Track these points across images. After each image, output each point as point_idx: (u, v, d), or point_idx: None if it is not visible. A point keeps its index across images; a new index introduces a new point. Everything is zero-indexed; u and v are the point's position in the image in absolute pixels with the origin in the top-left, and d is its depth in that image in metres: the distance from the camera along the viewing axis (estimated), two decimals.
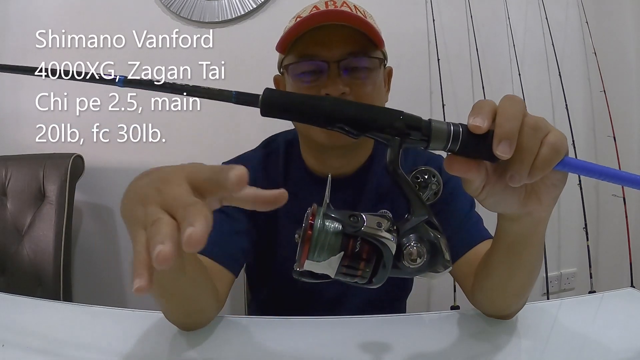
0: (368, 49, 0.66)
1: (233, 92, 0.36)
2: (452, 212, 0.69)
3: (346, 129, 0.35)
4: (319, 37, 0.64)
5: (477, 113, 0.36)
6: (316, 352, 0.54)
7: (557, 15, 1.70)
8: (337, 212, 0.34)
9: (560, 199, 0.43)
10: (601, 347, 0.54)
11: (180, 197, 0.31)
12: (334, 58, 0.64)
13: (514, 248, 0.50)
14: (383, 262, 0.34)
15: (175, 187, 0.32)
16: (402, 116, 0.36)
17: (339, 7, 0.67)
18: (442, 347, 0.55)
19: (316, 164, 0.73)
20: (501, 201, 0.41)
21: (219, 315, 0.60)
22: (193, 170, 0.33)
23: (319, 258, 0.33)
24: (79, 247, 1.60)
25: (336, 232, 0.33)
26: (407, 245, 0.35)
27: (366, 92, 0.66)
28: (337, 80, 0.64)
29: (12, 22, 1.56)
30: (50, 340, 0.56)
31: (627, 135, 1.70)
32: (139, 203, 0.33)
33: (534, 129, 0.36)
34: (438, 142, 0.36)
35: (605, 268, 1.75)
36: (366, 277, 0.35)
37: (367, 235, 0.34)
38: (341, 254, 0.33)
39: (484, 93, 1.60)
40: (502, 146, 0.35)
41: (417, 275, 0.37)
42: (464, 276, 0.65)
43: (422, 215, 0.36)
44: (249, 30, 1.56)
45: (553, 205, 0.43)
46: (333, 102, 0.35)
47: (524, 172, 0.36)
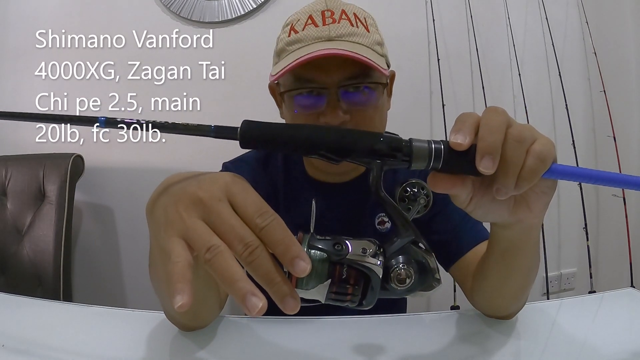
0: (369, 72, 0.62)
1: (212, 126, 0.36)
2: (450, 213, 0.69)
3: (327, 155, 0.35)
4: (317, 60, 0.60)
5: (458, 129, 0.35)
6: (316, 352, 0.54)
7: (557, 15, 1.69)
8: (322, 240, 0.35)
9: (560, 199, 0.43)
10: (601, 347, 0.54)
11: (230, 223, 0.31)
12: (332, 83, 0.61)
13: (507, 253, 0.50)
14: (371, 286, 0.35)
15: (223, 207, 0.32)
16: (382, 138, 0.35)
17: (337, 21, 0.63)
18: (442, 347, 0.55)
19: (316, 171, 0.73)
20: (490, 211, 0.41)
21: (219, 315, 0.60)
22: (237, 192, 0.33)
23: (307, 286, 0.34)
24: (79, 247, 1.60)
25: (322, 260, 0.34)
26: (395, 267, 0.35)
27: (367, 116, 0.63)
28: (336, 107, 0.61)
29: (12, 22, 1.56)
30: (50, 341, 0.56)
31: (627, 135, 1.70)
32: (176, 206, 0.33)
33: (518, 140, 0.35)
34: (419, 161, 0.35)
35: (605, 268, 1.75)
36: (356, 301, 0.36)
37: (352, 262, 0.34)
38: (329, 281, 0.34)
39: (484, 93, 1.60)
40: (485, 161, 0.34)
41: (407, 295, 0.37)
42: (463, 277, 0.65)
43: (408, 237, 0.37)
44: (249, 30, 1.56)
45: (544, 211, 0.43)
46: (311, 130, 0.35)
47: (509, 184, 0.35)
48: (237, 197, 0.32)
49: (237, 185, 0.33)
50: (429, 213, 0.70)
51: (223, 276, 0.29)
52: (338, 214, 0.73)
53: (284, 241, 0.30)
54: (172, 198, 0.34)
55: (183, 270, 0.29)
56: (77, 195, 1.38)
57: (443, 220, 0.70)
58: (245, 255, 0.30)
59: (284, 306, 0.30)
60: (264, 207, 0.32)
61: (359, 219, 0.73)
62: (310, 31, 0.63)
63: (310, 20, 0.64)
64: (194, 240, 0.31)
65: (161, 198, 0.36)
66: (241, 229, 0.31)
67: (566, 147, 1.62)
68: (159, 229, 0.35)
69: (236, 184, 0.33)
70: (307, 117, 0.63)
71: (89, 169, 1.44)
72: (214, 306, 0.57)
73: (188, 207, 0.32)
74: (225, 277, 0.29)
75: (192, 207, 0.32)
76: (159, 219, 0.35)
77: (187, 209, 0.32)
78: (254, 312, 0.29)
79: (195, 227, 0.31)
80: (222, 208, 0.32)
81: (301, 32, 0.63)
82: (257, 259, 0.30)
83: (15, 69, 1.52)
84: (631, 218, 1.57)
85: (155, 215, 0.36)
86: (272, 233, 0.31)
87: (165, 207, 0.34)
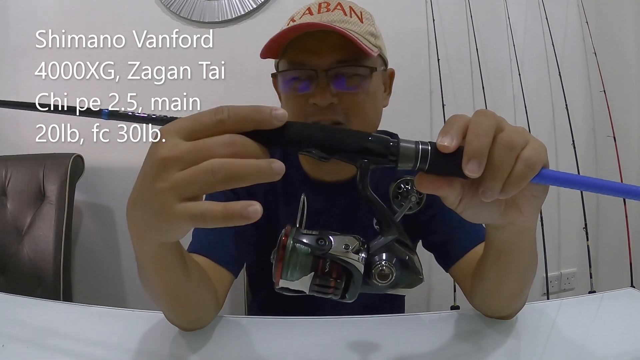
0: (359, 57, 0.64)
1: None
2: (450, 214, 0.69)
3: (314, 152, 0.35)
4: (309, 44, 0.63)
5: (445, 132, 0.35)
6: (316, 352, 0.54)
7: (557, 15, 1.70)
8: (307, 235, 0.36)
9: (560, 199, 0.43)
10: (601, 347, 0.54)
11: (201, 145, 0.32)
12: (322, 66, 0.63)
13: (502, 254, 0.50)
14: (353, 281, 0.36)
15: (184, 144, 0.32)
16: (371, 137, 0.36)
17: (332, 10, 0.65)
18: (442, 347, 0.55)
19: (313, 169, 0.73)
20: (480, 213, 0.40)
21: (218, 315, 0.60)
22: (181, 125, 0.33)
23: (291, 277, 0.35)
24: (79, 247, 1.60)
25: (306, 254, 0.35)
26: (378, 264, 0.36)
27: (357, 101, 0.64)
28: (325, 90, 0.62)
29: (12, 22, 1.56)
30: (50, 340, 0.56)
31: (627, 135, 1.70)
32: (151, 187, 0.32)
33: (508, 146, 0.35)
34: (406, 162, 0.36)
35: (605, 268, 1.75)
36: (338, 294, 0.37)
37: (334, 257, 0.36)
38: (312, 274, 0.35)
39: (484, 93, 1.61)
40: (471, 165, 0.34)
41: (389, 291, 0.38)
42: (463, 278, 0.65)
43: (392, 235, 0.37)
44: (249, 30, 1.56)
45: (536, 214, 0.42)
46: (301, 127, 0.35)
47: (495, 188, 0.35)
48: (184, 124, 0.33)
49: (175, 123, 0.33)
50: (428, 214, 0.70)
51: (242, 170, 0.31)
52: (335, 212, 0.73)
53: (252, 109, 0.32)
54: (141, 190, 0.34)
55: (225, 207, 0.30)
56: (77, 195, 1.38)
57: (442, 221, 0.70)
58: (231, 150, 0.31)
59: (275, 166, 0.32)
60: (211, 110, 0.32)
61: (355, 217, 0.73)
62: (305, 19, 0.66)
63: (307, 11, 0.67)
64: (190, 183, 0.31)
65: (131, 201, 0.35)
66: (213, 138, 0.31)
67: (566, 147, 1.62)
68: (151, 228, 0.34)
69: (172, 124, 0.33)
70: (297, 98, 0.65)
71: (89, 169, 1.44)
72: (209, 307, 0.57)
73: (159, 174, 0.32)
74: (245, 168, 0.31)
75: (163, 170, 0.32)
76: (143, 218, 0.34)
77: (160, 177, 0.32)
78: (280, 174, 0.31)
79: (183, 176, 0.31)
80: (184, 145, 0.32)
81: (298, 21, 0.65)
82: (241, 146, 0.31)
83: (15, 69, 1.52)
84: (631, 218, 1.57)
85: (138, 217, 0.35)
86: (236, 114, 0.32)
87: (143, 201, 0.34)
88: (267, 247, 0.37)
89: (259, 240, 0.71)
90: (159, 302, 0.52)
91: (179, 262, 0.45)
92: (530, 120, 1.62)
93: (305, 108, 0.64)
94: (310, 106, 0.64)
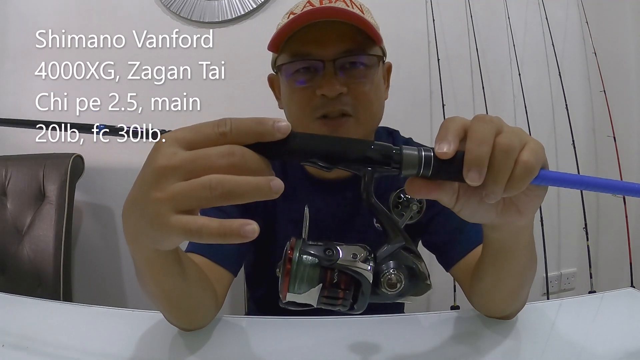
0: (365, 46, 0.63)
1: None
2: (450, 215, 0.69)
3: (319, 163, 0.35)
4: (313, 35, 0.62)
5: (442, 138, 0.35)
6: (315, 352, 0.54)
7: (557, 15, 1.70)
8: (314, 246, 0.36)
9: (560, 199, 0.43)
10: (601, 347, 0.54)
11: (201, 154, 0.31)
12: (329, 56, 0.62)
13: (499, 255, 0.50)
14: (362, 291, 0.36)
15: (184, 153, 0.32)
16: (373, 146, 0.35)
17: (333, 2, 0.64)
18: (442, 347, 0.55)
19: (313, 168, 0.73)
20: (477, 212, 0.40)
21: (218, 315, 0.60)
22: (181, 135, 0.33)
23: (299, 290, 0.35)
24: (79, 247, 1.60)
25: (313, 265, 0.35)
26: (385, 273, 0.36)
27: (364, 91, 0.64)
28: (333, 80, 0.61)
29: (12, 22, 1.56)
30: (50, 341, 0.56)
31: (627, 135, 1.70)
32: (147, 196, 0.32)
33: (506, 151, 0.35)
34: (410, 169, 0.35)
35: (605, 268, 1.75)
36: (347, 305, 0.36)
37: (343, 267, 0.35)
38: (320, 285, 0.35)
39: (484, 93, 1.61)
40: (472, 174, 0.34)
41: (398, 300, 0.38)
42: (464, 278, 0.65)
43: (398, 242, 0.37)
44: (249, 30, 1.56)
45: (534, 214, 0.42)
46: (303, 138, 0.35)
47: (498, 191, 0.35)
48: (185, 134, 0.32)
49: (176, 132, 0.33)
50: (428, 214, 0.70)
51: (239, 188, 0.30)
52: (335, 210, 0.72)
53: (254, 121, 0.31)
54: (138, 195, 0.33)
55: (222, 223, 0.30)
56: (77, 195, 1.38)
57: (442, 222, 0.70)
58: (230, 160, 0.31)
59: (274, 184, 0.32)
60: (213, 121, 0.32)
61: (356, 215, 0.73)
62: (307, 10, 0.64)
63: (308, 4, 0.65)
64: (187, 197, 0.31)
65: (128, 205, 0.35)
66: (212, 148, 0.31)
67: (566, 147, 1.62)
68: (145, 234, 0.34)
69: (173, 133, 0.33)
70: (303, 91, 0.64)
71: (89, 169, 1.44)
72: (208, 307, 0.57)
73: (157, 183, 0.31)
74: (243, 186, 0.30)
75: (161, 178, 0.31)
76: (138, 223, 0.34)
77: (157, 186, 0.31)
78: (279, 192, 0.32)
79: (181, 188, 0.31)
80: (183, 154, 0.31)
81: (299, 14, 0.64)
82: (240, 157, 0.31)
83: (15, 69, 1.53)
84: (631, 218, 1.57)
85: (133, 221, 0.35)
86: (239, 127, 0.31)
87: (139, 207, 0.33)
88: (265, 244, 0.37)
89: (257, 239, 0.70)
90: (157, 304, 0.52)
91: (175, 265, 0.44)
92: (530, 120, 1.62)
93: (312, 100, 0.63)
94: (317, 98, 0.63)
